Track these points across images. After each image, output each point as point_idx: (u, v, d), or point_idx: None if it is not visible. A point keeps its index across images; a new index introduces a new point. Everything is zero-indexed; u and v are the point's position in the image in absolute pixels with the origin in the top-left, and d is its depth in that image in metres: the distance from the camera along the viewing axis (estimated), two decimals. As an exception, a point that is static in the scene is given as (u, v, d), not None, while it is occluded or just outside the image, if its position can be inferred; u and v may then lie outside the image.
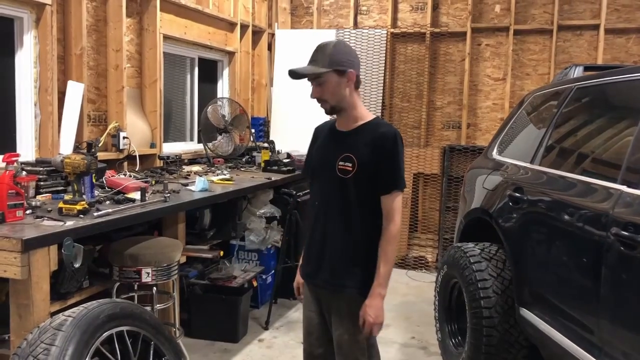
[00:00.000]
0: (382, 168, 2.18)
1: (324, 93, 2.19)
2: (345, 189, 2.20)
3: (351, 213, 2.21)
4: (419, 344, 4.00)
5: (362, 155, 2.18)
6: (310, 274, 2.34)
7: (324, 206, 2.28)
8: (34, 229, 2.35)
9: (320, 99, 2.21)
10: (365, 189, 2.20)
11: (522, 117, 3.70)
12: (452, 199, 5.86)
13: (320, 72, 2.16)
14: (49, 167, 3.06)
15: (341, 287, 2.24)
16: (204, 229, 4.04)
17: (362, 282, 2.22)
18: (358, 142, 2.22)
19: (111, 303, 2.32)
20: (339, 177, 2.20)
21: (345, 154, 2.20)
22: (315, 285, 2.34)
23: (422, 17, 6.00)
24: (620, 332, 2.13)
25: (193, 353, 3.66)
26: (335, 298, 2.28)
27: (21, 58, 3.43)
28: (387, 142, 2.18)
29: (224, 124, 4.94)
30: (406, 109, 6.12)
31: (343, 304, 2.25)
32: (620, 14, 5.40)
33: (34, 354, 1.97)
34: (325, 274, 2.26)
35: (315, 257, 2.30)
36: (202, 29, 5.08)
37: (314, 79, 2.19)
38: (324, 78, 2.17)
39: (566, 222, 2.50)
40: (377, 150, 2.17)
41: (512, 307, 2.92)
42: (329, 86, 2.18)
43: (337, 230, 2.23)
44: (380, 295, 2.18)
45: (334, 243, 2.24)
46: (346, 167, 2.19)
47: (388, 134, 2.19)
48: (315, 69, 2.17)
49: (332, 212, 2.25)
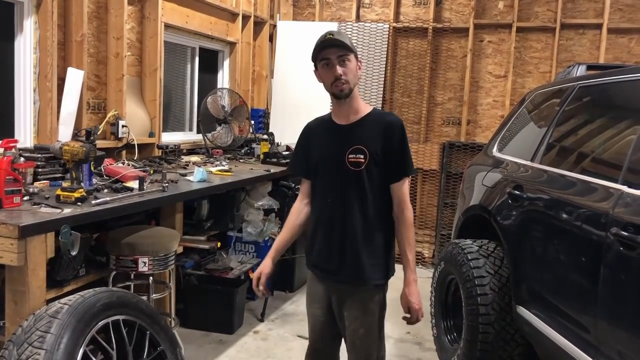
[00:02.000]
0: (393, 156, 2.19)
1: (348, 72, 2.18)
2: (360, 182, 2.20)
3: (368, 205, 2.21)
4: (414, 340, 4.01)
5: (372, 146, 2.18)
6: (334, 271, 2.28)
7: (340, 201, 2.24)
8: (31, 216, 2.34)
9: (343, 78, 2.17)
10: (378, 179, 2.21)
11: (523, 115, 3.68)
12: (450, 196, 5.86)
13: (351, 48, 2.18)
14: (47, 153, 3.04)
15: (366, 280, 2.24)
16: (202, 220, 4.04)
17: (383, 274, 2.26)
18: (366, 134, 2.21)
19: (107, 292, 2.31)
20: (351, 170, 2.19)
21: (355, 146, 2.19)
22: (338, 282, 2.29)
23: (424, 12, 5.98)
24: (616, 332, 2.13)
25: (188, 343, 3.66)
26: (354, 292, 2.26)
27: (21, 43, 3.41)
28: (396, 130, 2.20)
29: (223, 115, 4.92)
30: (406, 104, 6.10)
31: (362, 298, 2.25)
32: (623, 13, 5.38)
33: (29, 340, 1.95)
34: (349, 269, 2.24)
35: (337, 254, 2.26)
36: (203, 19, 5.05)
37: (342, 55, 2.17)
38: (350, 57, 2.18)
39: (565, 221, 2.49)
40: (387, 140, 2.19)
41: (508, 305, 2.92)
42: (352, 67, 2.19)
43: (357, 224, 2.21)
44: (415, 281, 2.25)
45: (355, 237, 2.22)
46: (358, 159, 2.19)
47: (395, 123, 2.22)
48: (347, 44, 2.16)
49: (349, 207, 2.22)
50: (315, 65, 2.24)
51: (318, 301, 2.37)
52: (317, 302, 2.37)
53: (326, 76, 2.20)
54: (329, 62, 2.17)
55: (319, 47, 2.18)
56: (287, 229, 2.41)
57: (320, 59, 2.20)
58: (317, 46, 2.19)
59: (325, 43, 2.16)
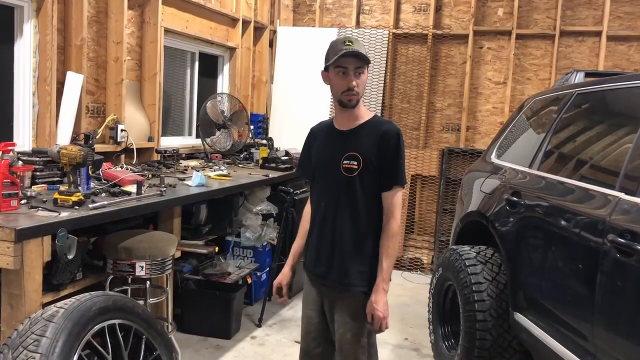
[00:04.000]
0: (385, 165, 2.19)
1: (361, 84, 2.18)
2: (352, 188, 2.21)
3: (359, 212, 2.22)
4: (412, 346, 3.99)
5: (367, 153, 2.19)
6: (322, 274, 2.31)
7: (332, 206, 2.26)
8: (28, 219, 2.33)
9: (356, 90, 2.17)
10: (370, 187, 2.21)
11: (521, 122, 3.69)
12: (449, 202, 5.85)
13: (368, 60, 2.17)
14: (45, 157, 3.04)
15: (351, 286, 2.24)
16: (200, 224, 4.03)
17: (368, 282, 2.23)
18: (362, 141, 2.22)
19: (103, 296, 2.31)
20: (344, 176, 2.21)
21: (349, 152, 2.21)
22: (325, 285, 2.31)
23: (424, 18, 5.99)
24: (614, 340, 2.13)
25: (185, 348, 3.65)
26: (342, 297, 2.26)
27: (20, 47, 3.42)
28: (391, 139, 2.20)
29: (222, 120, 4.92)
30: (406, 110, 6.11)
31: (350, 303, 2.25)
32: (622, 21, 5.40)
33: (24, 344, 1.95)
34: (335, 273, 2.25)
35: (326, 257, 2.28)
36: (203, 24, 5.07)
37: (359, 67, 2.16)
38: (365, 70, 2.19)
39: (563, 227, 2.49)
40: (381, 148, 2.19)
41: (506, 312, 2.91)
42: (364, 79, 2.20)
43: (346, 229, 2.22)
44: (384, 290, 2.19)
45: (344, 242, 2.23)
46: (351, 165, 2.20)
47: (391, 132, 2.21)
48: (366, 56, 2.16)
49: (341, 212, 2.24)
50: (327, 67, 2.21)
51: (312, 303, 2.39)
52: (311, 304, 2.39)
53: (339, 83, 2.18)
54: (346, 72, 2.16)
55: (338, 54, 2.13)
56: (301, 234, 2.46)
57: (336, 65, 2.16)
58: (335, 51, 2.14)
59: (346, 53, 2.12)
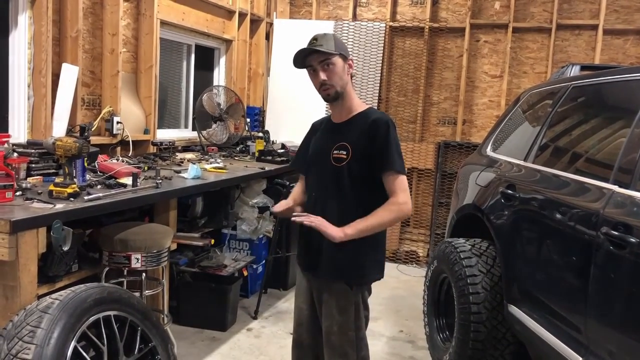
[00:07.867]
0: (375, 152, 2.19)
1: (332, 77, 2.21)
2: (340, 177, 2.22)
3: (347, 202, 2.23)
4: (407, 338, 4.01)
5: (355, 143, 2.21)
6: (311, 265, 2.33)
7: (322, 197, 2.29)
8: (23, 211, 2.33)
9: (328, 83, 2.21)
10: (360, 177, 2.21)
11: (517, 115, 3.69)
12: (445, 195, 5.87)
13: (331, 52, 2.19)
14: (40, 149, 3.03)
15: (337, 278, 2.25)
16: (196, 217, 4.03)
17: (358, 274, 2.24)
18: (352, 131, 2.24)
19: (99, 287, 2.31)
20: (333, 166, 2.23)
21: (339, 143, 2.23)
22: (314, 276, 2.34)
23: (421, 11, 5.98)
24: (607, 331, 2.14)
25: (181, 340, 3.66)
26: (329, 289, 2.28)
27: (15, 39, 3.39)
28: (381, 127, 2.20)
29: (219, 112, 4.92)
30: (402, 103, 6.11)
31: (336, 296, 2.26)
32: (619, 15, 5.40)
33: (19, 335, 1.95)
34: (323, 265, 2.27)
35: (315, 249, 2.29)
36: (200, 16, 5.05)
37: (323, 60, 2.20)
38: (333, 60, 2.20)
39: (557, 220, 2.50)
40: (371, 137, 2.19)
41: (500, 304, 2.93)
42: (337, 69, 2.21)
43: (334, 220, 2.21)
44: (343, 232, 2.14)
45: None
46: (340, 155, 2.22)
47: (380, 121, 2.22)
48: (327, 48, 2.18)
49: (329, 202, 2.26)
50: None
51: (303, 294, 2.41)
52: (302, 295, 2.42)
53: (314, 82, 2.28)
54: (315, 69, 2.23)
55: (301, 56, 2.23)
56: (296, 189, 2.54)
57: (307, 67, 2.26)
58: (298, 56, 2.24)
59: (304, 52, 2.21)
